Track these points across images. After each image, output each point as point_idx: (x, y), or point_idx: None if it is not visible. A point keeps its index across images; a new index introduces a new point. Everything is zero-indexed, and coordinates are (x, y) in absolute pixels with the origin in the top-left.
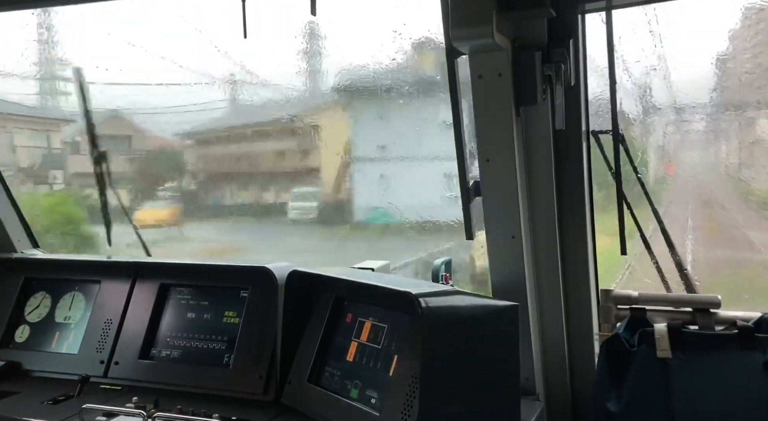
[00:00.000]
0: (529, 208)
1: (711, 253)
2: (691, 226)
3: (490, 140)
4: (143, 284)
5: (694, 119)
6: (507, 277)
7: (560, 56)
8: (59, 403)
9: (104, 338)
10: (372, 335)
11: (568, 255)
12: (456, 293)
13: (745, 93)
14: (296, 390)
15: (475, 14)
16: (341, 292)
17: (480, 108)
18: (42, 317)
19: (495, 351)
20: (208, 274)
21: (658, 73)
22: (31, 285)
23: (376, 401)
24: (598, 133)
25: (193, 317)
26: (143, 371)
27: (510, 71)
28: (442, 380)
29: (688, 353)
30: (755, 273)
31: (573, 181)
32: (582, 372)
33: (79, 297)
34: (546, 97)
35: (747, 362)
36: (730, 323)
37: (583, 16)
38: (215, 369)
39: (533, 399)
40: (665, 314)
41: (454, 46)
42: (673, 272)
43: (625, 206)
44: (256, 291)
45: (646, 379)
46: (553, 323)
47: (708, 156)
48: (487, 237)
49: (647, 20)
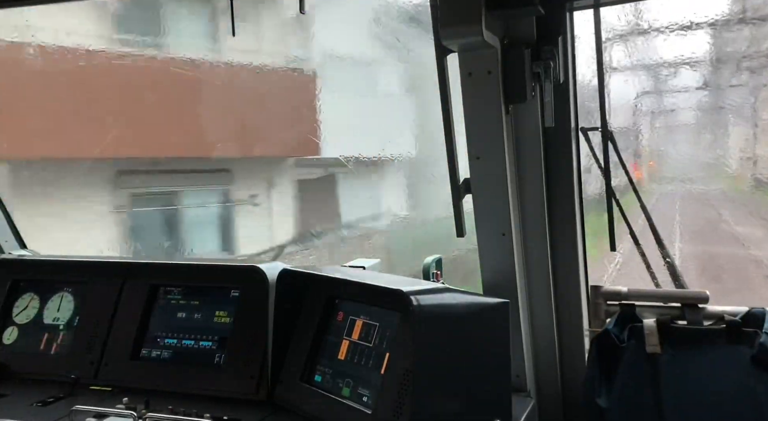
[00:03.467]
0: (519, 205)
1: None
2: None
3: (480, 138)
4: (133, 284)
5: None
6: (497, 274)
7: (549, 54)
8: (49, 405)
9: (94, 339)
10: (363, 333)
11: (558, 252)
12: (447, 290)
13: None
14: (288, 389)
15: (464, 12)
16: (332, 290)
17: (469, 106)
18: (30, 319)
19: (486, 348)
20: (198, 274)
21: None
22: (19, 286)
23: (369, 400)
24: (587, 130)
25: (184, 317)
26: (133, 372)
27: (499, 69)
28: (434, 378)
29: (677, 347)
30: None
31: (562, 178)
32: (572, 368)
33: (68, 298)
34: (535, 95)
35: (735, 356)
36: (718, 318)
37: (571, 13)
38: (206, 369)
39: (524, 396)
40: (654, 310)
41: (444, 44)
42: (661, 267)
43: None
44: (247, 290)
45: (635, 374)
46: (544, 320)
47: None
48: (478, 234)
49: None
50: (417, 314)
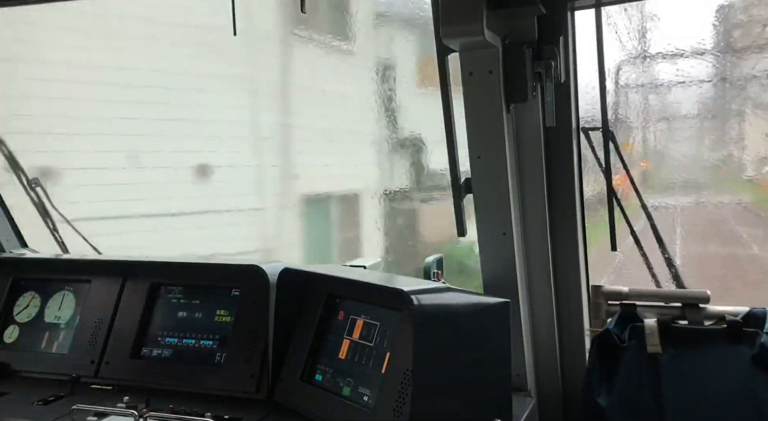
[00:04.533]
0: (520, 204)
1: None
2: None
3: (481, 137)
4: (133, 282)
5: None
6: (498, 273)
7: (550, 53)
8: (49, 403)
9: (94, 338)
10: (364, 332)
11: (559, 251)
12: (447, 289)
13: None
14: (288, 388)
15: (466, 12)
16: (333, 290)
17: (470, 105)
18: (31, 317)
19: (487, 347)
20: (199, 272)
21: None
22: (20, 285)
23: (369, 399)
24: (589, 130)
25: (185, 316)
26: (134, 371)
27: (500, 68)
28: (435, 377)
29: (677, 347)
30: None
31: (563, 178)
32: (573, 368)
33: (69, 297)
34: (536, 94)
35: (735, 356)
36: (718, 318)
37: (572, 12)
38: (207, 368)
39: (525, 395)
40: (655, 310)
41: (445, 44)
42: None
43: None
44: (248, 289)
45: (636, 374)
46: (544, 319)
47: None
48: (479, 234)
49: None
50: (417, 314)
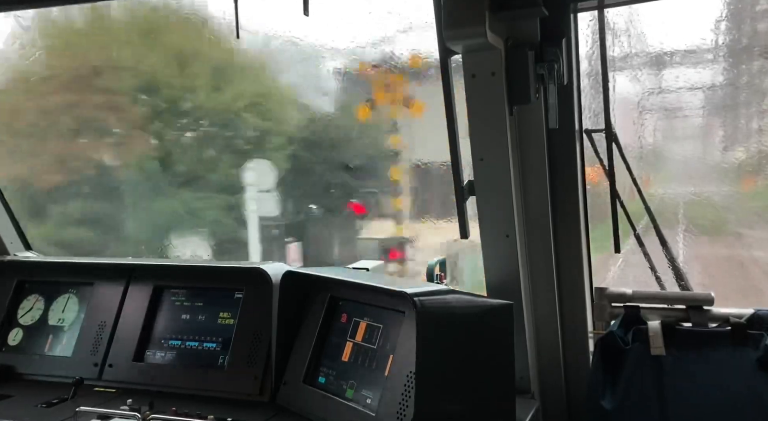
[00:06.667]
0: (523, 207)
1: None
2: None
3: (484, 139)
4: (137, 285)
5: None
6: (501, 276)
7: (553, 55)
8: (53, 406)
9: (98, 341)
10: (367, 335)
11: (562, 253)
12: (451, 292)
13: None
14: (291, 391)
15: (468, 14)
16: (336, 292)
17: (473, 107)
18: (35, 320)
19: (490, 350)
20: (202, 275)
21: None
22: (24, 288)
23: (372, 401)
24: (592, 132)
25: (188, 319)
26: (138, 373)
27: (503, 70)
28: (438, 380)
29: (681, 350)
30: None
31: (567, 180)
32: (577, 370)
33: (73, 299)
34: (539, 96)
35: (740, 358)
36: (723, 320)
37: (575, 15)
38: (210, 370)
39: (528, 397)
40: (659, 312)
41: (447, 46)
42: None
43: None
44: (251, 292)
45: (640, 376)
46: (548, 322)
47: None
48: (482, 236)
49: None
50: (421, 316)
